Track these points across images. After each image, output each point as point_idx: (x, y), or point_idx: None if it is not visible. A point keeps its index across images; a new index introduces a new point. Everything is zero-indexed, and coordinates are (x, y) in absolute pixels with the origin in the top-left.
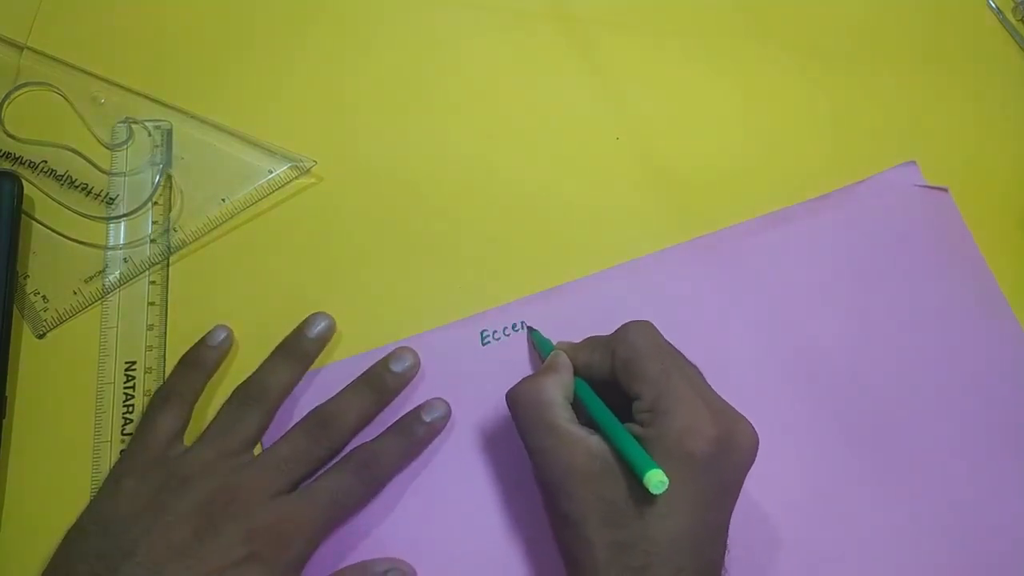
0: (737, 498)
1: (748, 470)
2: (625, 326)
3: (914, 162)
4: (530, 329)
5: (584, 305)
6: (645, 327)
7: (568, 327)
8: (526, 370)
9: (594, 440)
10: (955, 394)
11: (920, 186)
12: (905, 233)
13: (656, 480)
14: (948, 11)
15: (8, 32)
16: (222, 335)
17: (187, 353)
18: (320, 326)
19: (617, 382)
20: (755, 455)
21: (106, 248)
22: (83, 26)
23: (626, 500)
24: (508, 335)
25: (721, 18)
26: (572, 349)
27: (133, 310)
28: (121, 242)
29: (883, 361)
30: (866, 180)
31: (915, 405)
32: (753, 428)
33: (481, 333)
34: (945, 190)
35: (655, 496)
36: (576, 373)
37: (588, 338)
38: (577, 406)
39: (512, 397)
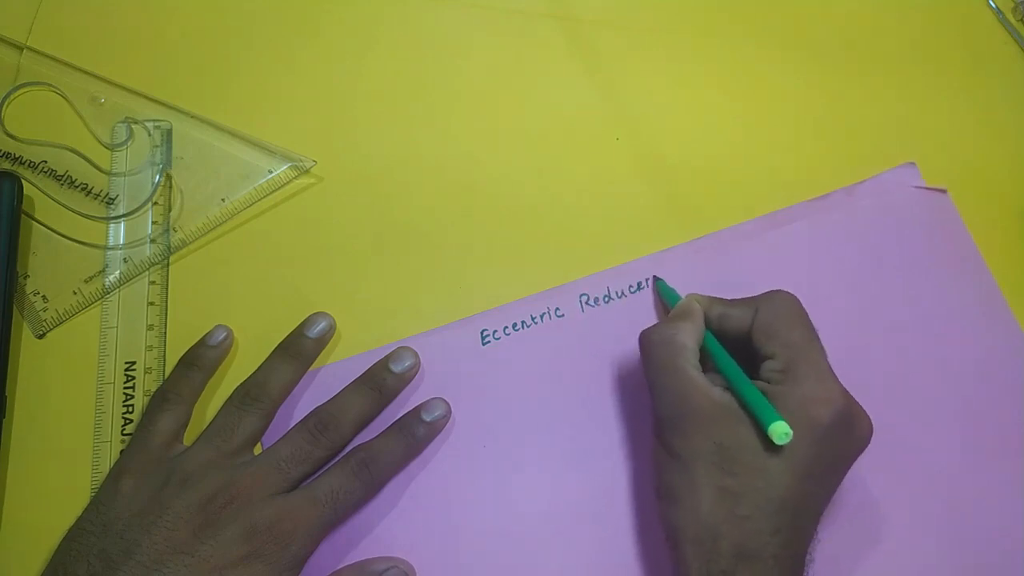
0: (839, 483)
1: (857, 457)
2: (774, 291)
3: (913, 163)
4: (656, 279)
5: (582, 305)
6: (792, 297)
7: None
8: (527, 370)
9: (717, 390)
10: (954, 395)
11: (919, 187)
12: (904, 234)
13: (781, 431)
14: (948, 11)
15: (8, 32)
16: (222, 335)
17: (187, 353)
18: (320, 326)
19: (749, 340)
20: (867, 444)
21: (106, 248)
22: (83, 26)
23: (741, 449)
24: (508, 334)
25: (721, 18)
26: (706, 300)
27: (133, 310)
28: (121, 242)
29: (882, 361)
30: (865, 181)
31: (914, 405)
32: (871, 422)
33: (481, 333)
34: (944, 191)
35: (774, 449)
36: (706, 324)
37: (728, 300)
38: (703, 357)
39: (645, 337)
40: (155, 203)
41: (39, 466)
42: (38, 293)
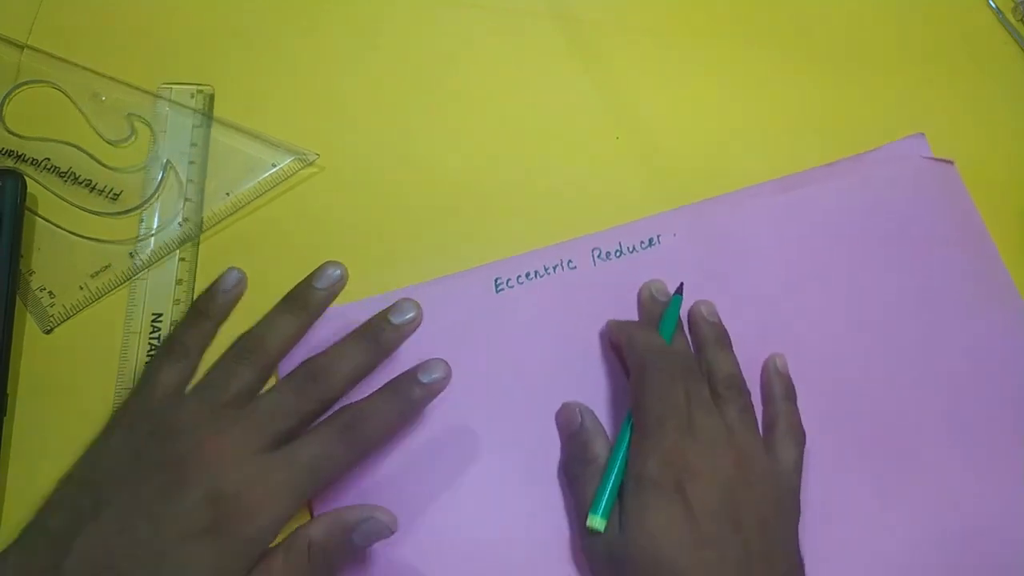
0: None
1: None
2: (651, 365)
3: (922, 134)
4: (677, 294)
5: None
6: (664, 364)
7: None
8: (537, 317)
9: None
10: (955, 366)
11: (927, 158)
12: (911, 202)
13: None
14: (947, 12)
15: (8, 31)
16: (234, 278)
17: (197, 300)
18: (330, 274)
19: None
20: (771, 481)
21: (116, 242)
22: (84, 23)
23: None
24: (521, 283)
25: (722, 17)
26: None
27: (159, 289)
28: (134, 235)
29: (884, 326)
30: (874, 150)
31: (915, 381)
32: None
33: (495, 280)
34: (951, 163)
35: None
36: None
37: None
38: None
39: (564, 469)
40: (191, 181)
41: (42, 464)
42: (44, 289)
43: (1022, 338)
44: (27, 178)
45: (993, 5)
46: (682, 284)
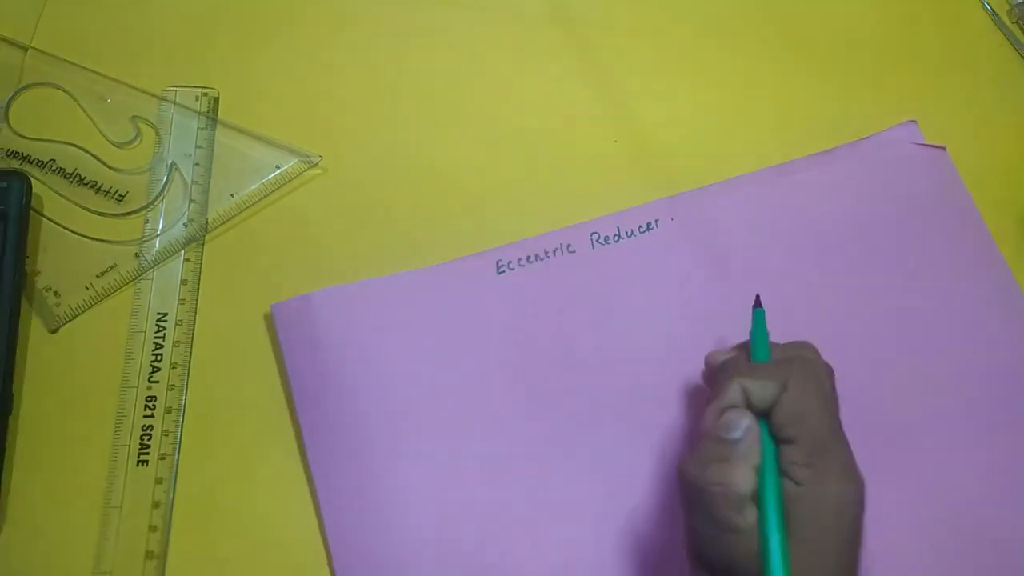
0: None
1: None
2: (802, 359)
3: (914, 121)
4: (757, 308)
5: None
6: (819, 369)
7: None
8: (537, 297)
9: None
10: (949, 346)
11: (919, 144)
12: (905, 188)
13: None
14: (943, 14)
15: (12, 32)
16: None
17: None
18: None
19: (768, 415)
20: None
21: (122, 243)
22: (88, 26)
23: None
24: (523, 266)
25: (721, 18)
26: (731, 365)
27: (164, 289)
28: (139, 236)
29: (878, 314)
30: (868, 138)
31: (910, 361)
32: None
33: (497, 263)
34: (943, 148)
35: None
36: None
37: (755, 365)
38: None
39: (689, 474)
40: (195, 182)
41: (48, 463)
42: (50, 289)
43: (1016, 317)
44: (32, 179)
45: (988, 8)
46: (758, 296)
